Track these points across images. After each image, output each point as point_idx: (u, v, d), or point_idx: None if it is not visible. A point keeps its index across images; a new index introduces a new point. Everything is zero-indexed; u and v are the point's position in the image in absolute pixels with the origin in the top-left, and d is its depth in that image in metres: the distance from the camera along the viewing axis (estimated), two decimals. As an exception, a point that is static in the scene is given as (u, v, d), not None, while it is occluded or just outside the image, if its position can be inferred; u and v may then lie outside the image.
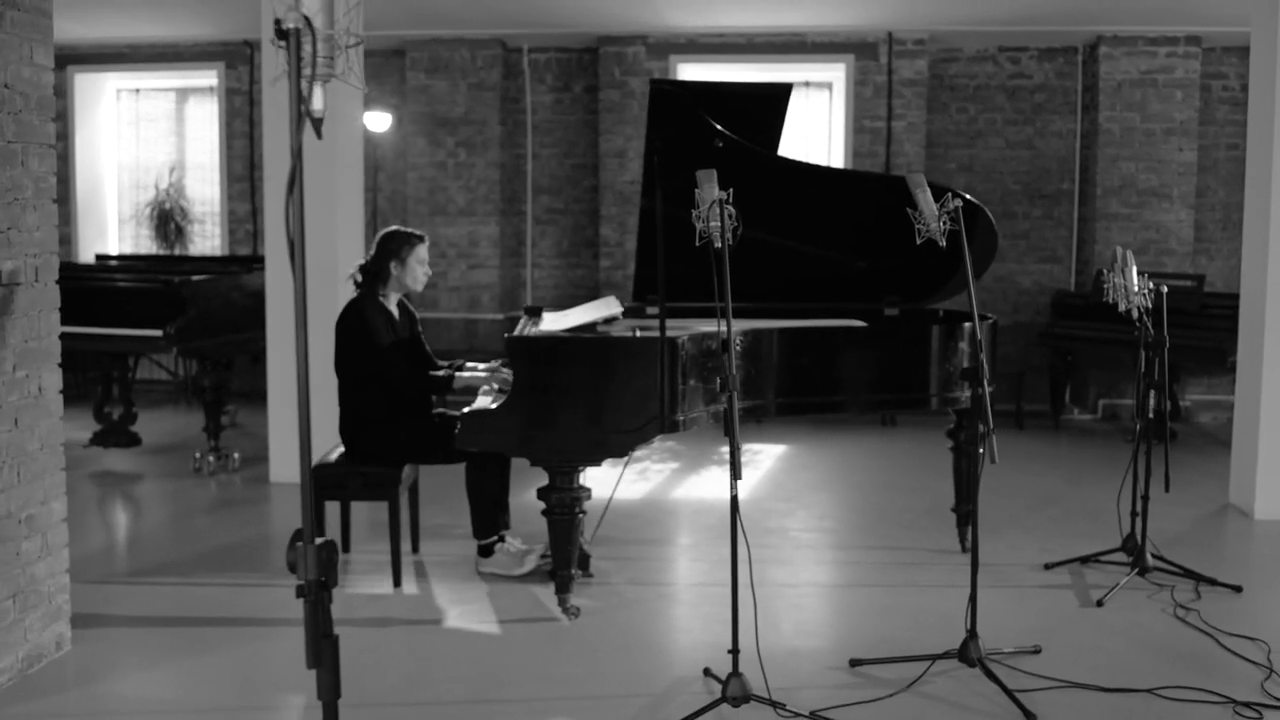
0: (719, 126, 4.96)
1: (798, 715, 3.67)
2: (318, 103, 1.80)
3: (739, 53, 9.49)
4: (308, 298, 1.91)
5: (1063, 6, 8.61)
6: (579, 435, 4.47)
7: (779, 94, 5.10)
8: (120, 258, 9.43)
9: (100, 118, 10.40)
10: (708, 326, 4.79)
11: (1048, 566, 5.35)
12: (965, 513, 5.63)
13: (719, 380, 3.81)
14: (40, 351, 4.03)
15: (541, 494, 4.57)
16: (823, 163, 9.36)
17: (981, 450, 4.89)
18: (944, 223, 4.02)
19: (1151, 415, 5.16)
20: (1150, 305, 5.11)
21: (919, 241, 4.07)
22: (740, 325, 5.00)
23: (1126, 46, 8.95)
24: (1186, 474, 7.36)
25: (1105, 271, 5.23)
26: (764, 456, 7.89)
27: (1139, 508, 5.25)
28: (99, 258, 9.39)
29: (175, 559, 5.46)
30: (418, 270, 5.15)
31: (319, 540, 1.83)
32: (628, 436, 4.49)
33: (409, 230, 5.20)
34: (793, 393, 4.84)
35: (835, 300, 5.84)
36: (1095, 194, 9.11)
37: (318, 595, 1.84)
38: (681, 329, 4.73)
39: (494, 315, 9.84)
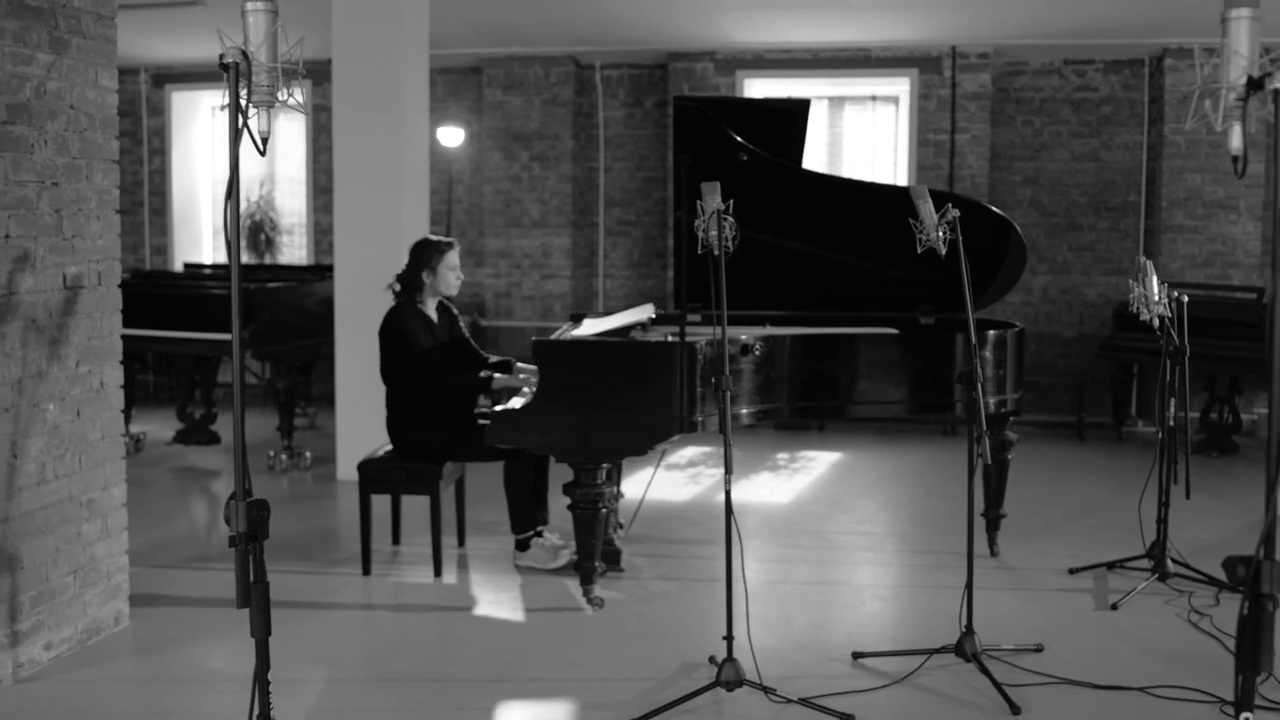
0: (740, 139, 5.16)
1: (788, 701, 3.86)
2: (262, 124, 2.07)
3: (804, 68, 9.66)
4: (367, 307, 2.12)
5: (1128, 19, 8.62)
6: (600, 434, 4.70)
7: (798, 109, 5.30)
8: (206, 266, 9.94)
9: (195, 134, 10.97)
10: (744, 332, 5.01)
11: (1072, 571, 5.44)
12: (994, 518, 5.74)
13: (713, 381, 4.01)
14: (102, 349, 4.39)
15: (566, 490, 4.83)
16: (872, 178, 9.51)
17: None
18: (943, 232, 4.17)
19: (1172, 423, 5.20)
20: (1172, 314, 5.17)
21: (919, 250, 4.23)
22: (762, 332, 5.21)
23: (1192, 58, 8.91)
24: (1239, 485, 7.35)
25: (1130, 281, 5.31)
26: (817, 463, 8.04)
27: (1163, 514, 5.31)
28: (187, 266, 9.91)
29: (237, 547, 5.82)
30: (449, 276, 5.43)
31: (250, 499, 2.10)
32: (647, 435, 4.72)
33: (439, 239, 5.49)
34: (808, 397, 5.01)
35: (873, 309, 5.99)
36: (1161, 206, 9.08)
37: (247, 545, 2.12)
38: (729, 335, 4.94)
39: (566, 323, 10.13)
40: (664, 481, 7.35)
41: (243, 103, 2.08)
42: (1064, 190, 9.53)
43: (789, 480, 7.50)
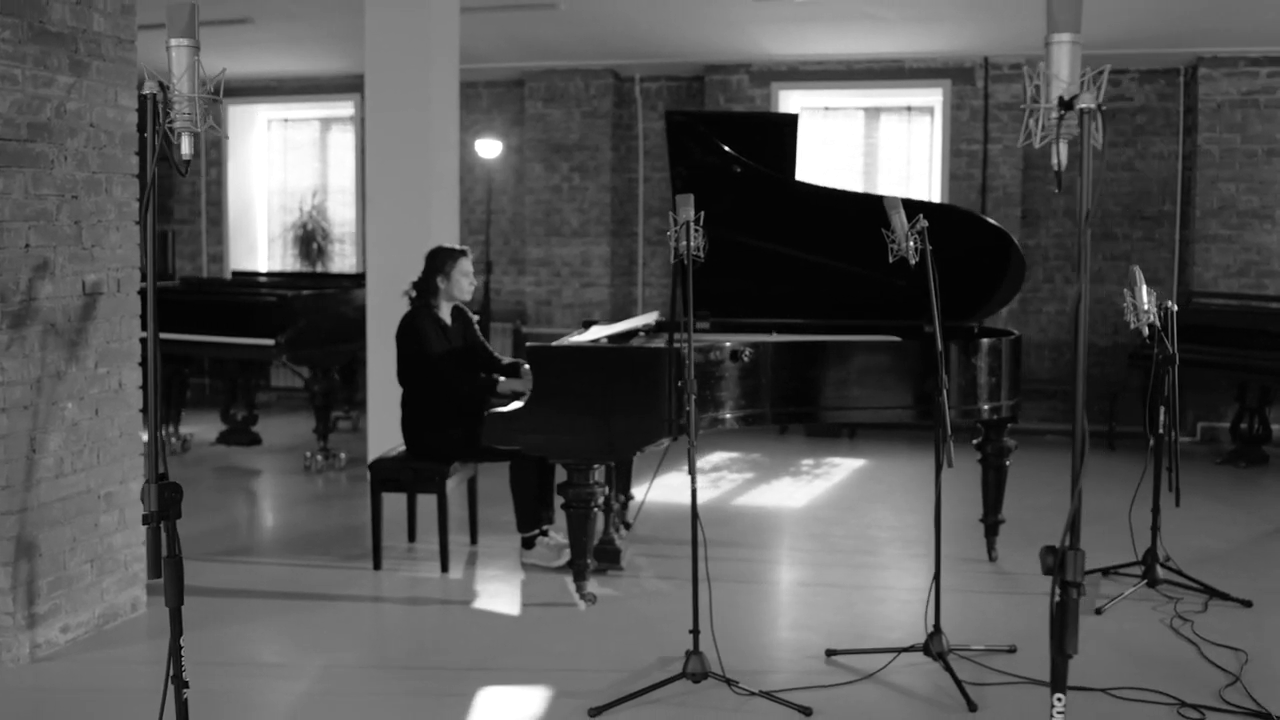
0: (733, 152, 5.33)
1: (750, 693, 4.01)
2: (185, 147, 2.30)
3: (839, 79, 9.78)
4: (398, 314, 2.28)
5: (1162, 29, 8.63)
6: (589, 436, 4.90)
7: (787, 123, 5.45)
8: (261, 274, 10.30)
9: (252, 146, 11.37)
10: (749, 339, 5.18)
11: (1066, 577, 5.50)
12: (993, 523, 5.83)
13: (680, 384, 4.18)
14: (121, 352, 4.68)
15: (559, 489, 5.03)
16: (854, 189, 9.58)
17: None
18: (914, 242, 4.29)
19: (1162, 431, 5.26)
20: (1160, 323, 5.24)
21: (891, 260, 4.35)
22: (753, 338, 5.37)
23: (1227, 67, 8.89)
24: (1262, 497, 7.34)
25: (1125, 290, 5.38)
26: (840, 470, 8.15)
27: (1156, 522, 5.37)
28: (235, 274, 10.29)
29: (261, 542, 6.12)
30: (462, 282, 5.67)
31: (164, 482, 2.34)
32: (636, 437, 4.91)
33: (452, 247, 5.73)
34: (793, 402, 5.15)
35: (879, 317, 6.10)
36: (1195, 216, 9.06)
37: (158, 523, 2.36)
38: (718, 341, 5.12)
39: (603, 331, 10.33)
40: (684, 484, 7.45)
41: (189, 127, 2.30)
42: (1098, 200, 9.52)
43: (807, 486, 7.63)
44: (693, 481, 4.03)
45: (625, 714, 3.90)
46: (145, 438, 8.14)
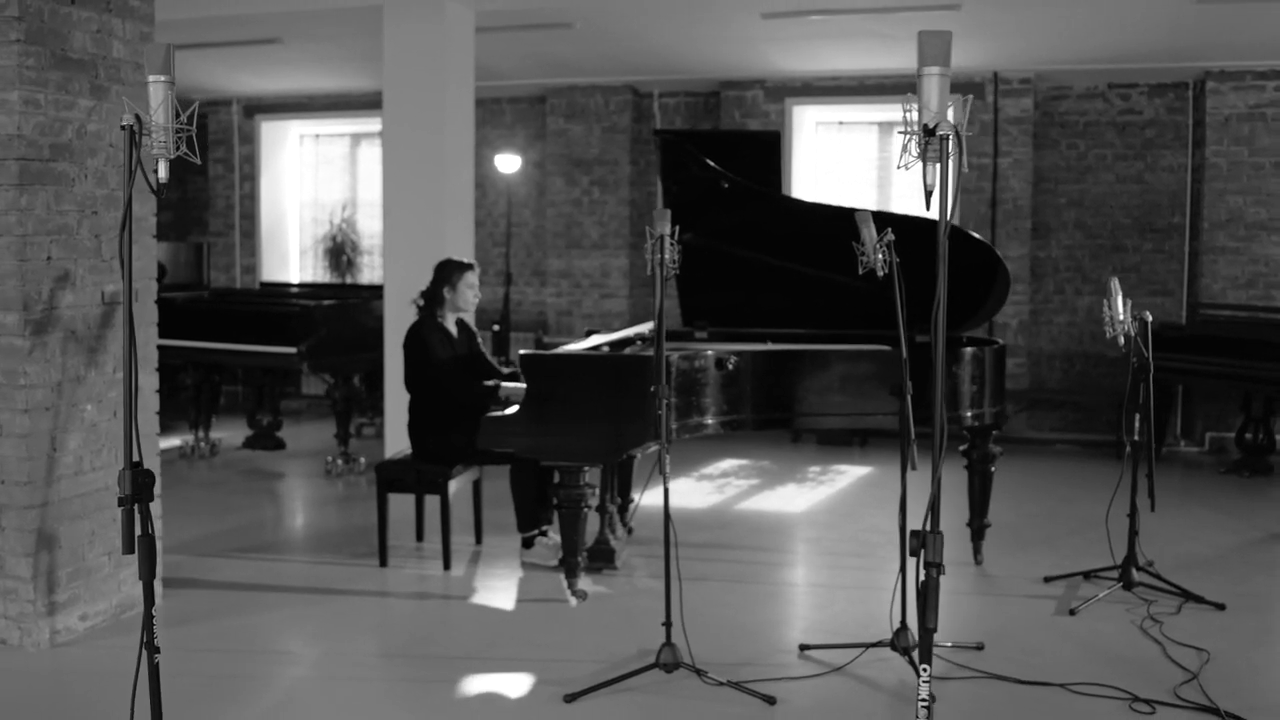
0: (720, 169, 5.56)
1: (719, 683, 4.22)
2: (162, 172, 2.57)
3: (851, 94, 9.99)
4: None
5: (1170, 43, 8.76)
6: (578, 439, 5.13)
7: (770, 140, 5.68)
8: (284, 285, 10.64)
9: (284, 160, 11.73)
10: (745, 348, 5.40)
11: (1047, 579, 5.67)
12: (979, 527, 6.00)
13: (652, 390, 4.39)
14: (138, 358, 4.95)
15: (551, 490, 5.26)
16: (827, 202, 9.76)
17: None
18: (881, 255, 4.49)
19: (1137, 438, 5.43)
20: (1135, 333, 5.41)
21: (861, 271, 4.56)
22: (742, 348, 5.59)
23: (1234, 81, 9.00)
24: (1259, 505, 7.44)
25: (1104, 302, 5.55)
26: (845, 477, 8.33)
27: (1137, 526, 5.52)
28: (263, 285, 10.63)
29: (275, 540, 6.40)
30: (467, 294, 5.93)
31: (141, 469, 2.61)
32: (622, 441, 5.14)
33: (459, 260, 5.99)
34: (774, 408, 5.36)
35: (873, 328, 6.29)
36: (1204, 228, 9.18)
37: (131, 505, 2.63)
38: (701, 349, 5.34)
39: (622, 341, 10.57)
40: (690, 489, 7.74)
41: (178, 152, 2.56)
42: (1108, 212, 9.66)
43: (811, 492, 7.82)
44: (664, 481, 4.25)
45: (599, 700, 4.13)
46: (171, 441, 8.47)
